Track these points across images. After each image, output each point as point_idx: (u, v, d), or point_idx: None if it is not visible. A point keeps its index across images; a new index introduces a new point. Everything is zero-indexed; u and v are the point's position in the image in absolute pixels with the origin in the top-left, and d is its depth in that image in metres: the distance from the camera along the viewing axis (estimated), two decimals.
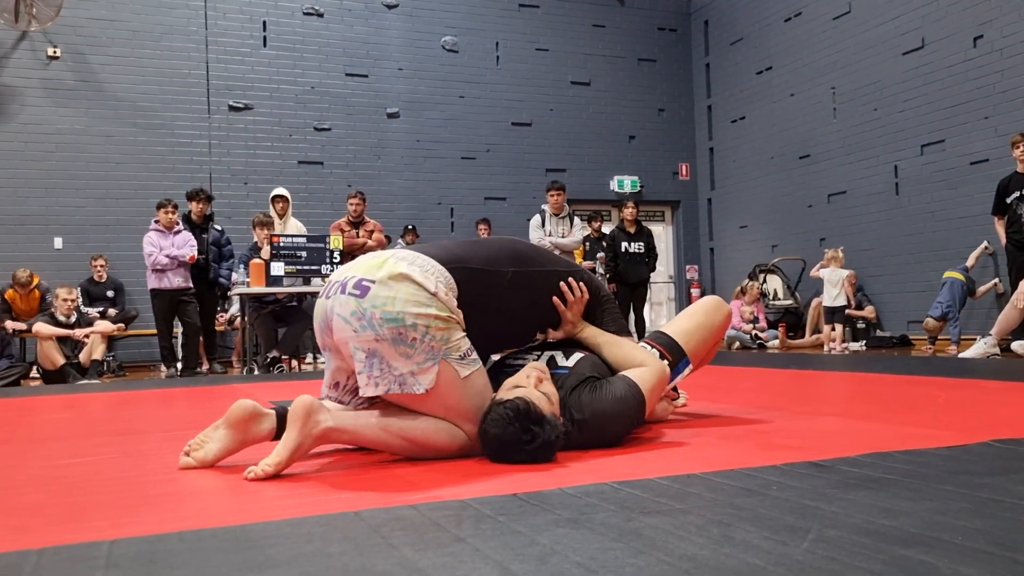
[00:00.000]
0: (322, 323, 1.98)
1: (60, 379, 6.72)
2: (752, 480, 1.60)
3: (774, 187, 10.31)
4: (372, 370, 1.84)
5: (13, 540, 1.34)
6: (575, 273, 2.24)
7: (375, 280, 1.86)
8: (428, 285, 1.86)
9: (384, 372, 1.83)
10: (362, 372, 1.85)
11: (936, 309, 7.13)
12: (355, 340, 1.85)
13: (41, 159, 8.65)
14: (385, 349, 1.82)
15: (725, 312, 2.53)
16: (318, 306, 2.01)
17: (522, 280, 2.10)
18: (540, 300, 2.16)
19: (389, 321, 1.81)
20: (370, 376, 1.84)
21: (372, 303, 1.83)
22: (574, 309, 2.20)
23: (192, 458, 1.95)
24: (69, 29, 8.83)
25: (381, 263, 1.91)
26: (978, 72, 7.71)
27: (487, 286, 2.02)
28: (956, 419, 2.54)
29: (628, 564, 1.08)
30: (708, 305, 2.54)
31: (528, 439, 1.81)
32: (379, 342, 1.82)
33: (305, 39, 9.76)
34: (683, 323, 2.49)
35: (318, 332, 2.03)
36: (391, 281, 1.85)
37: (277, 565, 1.13)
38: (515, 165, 10.48)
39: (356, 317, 1.84)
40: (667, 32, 11.55)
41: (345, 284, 1.90)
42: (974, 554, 1.08)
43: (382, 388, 1.84)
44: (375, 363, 1.83)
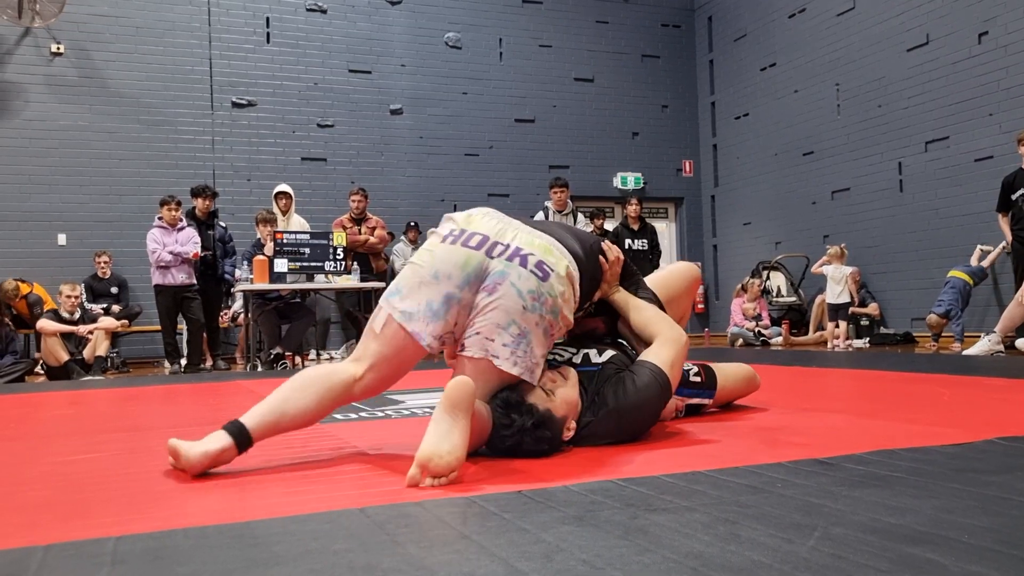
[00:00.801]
0: (470, 275, 1.91)
1: (64, 375, 6.73)
2: (757, 478, 1.60)
3: (778, 184, 10.29)
4: (518, 348, 1.89)
5: (20, 536, 1.34)
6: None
7: (554, 270, 1.95)
8: (576, 290, 2.03)
9: (527, 355, 1.90)
10: (507, 346, 1.88)
11: (939, 306, 7.11)
12: (519, 315, 1.89)
13: (44, 155, 8.66)
14: (537, 335, 1.91)
15: (755, 386, 2.79)
16: (464, 257, 1.93)
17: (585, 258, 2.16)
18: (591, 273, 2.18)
19: (551, 313, 1.94)
20: (514, 353, 1.89)
21: (550, 291, 1.93)
22: (613, 270, 2.27)
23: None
24: (72, 26, 8.83)
25: (549, 248, 1.99)
26: (983, 69, 7.69)
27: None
28: (961, 416, 2.53)
29: (634, 562, 1.08)
30: (747, 374, 2.76)
31: (506, 423, 1.90)
32: (537, 327, 1.91)
33: (308, 35, 9.75)
34: (726, 371, 2.68)
35: (447, 279, 1.92)
36: (565, 278, 1.97)
37: (282, 562, 1.13)
38: (518, 162, 10.47)
39: (533, 296, 1.90)
40: (671, 28, 11.53)
41: (525, 258, 1.94)
42: (981, 552, 1.08)
43: (518, 369, 1.90)
44: (523, 343, 1.89)
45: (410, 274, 2.00)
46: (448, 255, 1.95)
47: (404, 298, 1.97)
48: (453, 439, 1.67)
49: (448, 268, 1.93)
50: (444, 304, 1.92)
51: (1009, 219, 6.62)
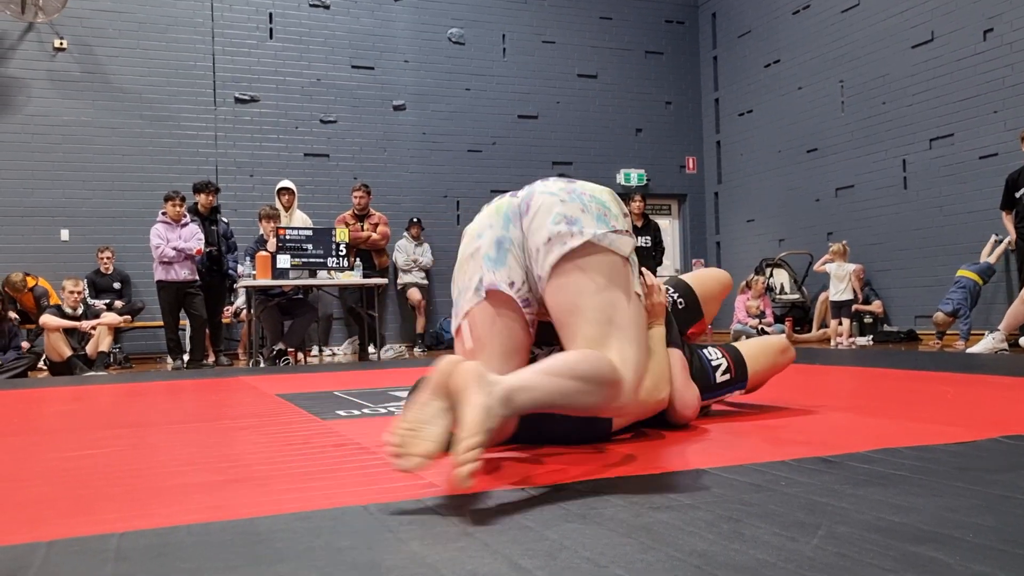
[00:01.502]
0: (507, 213, 1.91)
1: (67, 371, 6.74)
2: (761, 476, 1.60)
3: (781, 181, 10.27)
4: (573, 226, 1.80)
5: (23, 532, 1.34)
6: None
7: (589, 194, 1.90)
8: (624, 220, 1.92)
9: (587, 228, 1.80)
10: (562, 232, 1.79)
11: (947, 304, 7.08)
12: (560, 207, 1.83)
13: (48, 151, 8.67)
14: (588, 220, 1.82)
15: (789, 357, 2.63)
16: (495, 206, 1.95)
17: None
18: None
19: (596, 201, 1.87)
20: (571, 233, 1.79)
21: (582, 187, 1.91)
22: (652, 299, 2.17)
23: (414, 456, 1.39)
24: (75, 21, 8.83)
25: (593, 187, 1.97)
26: (988, 66, 7.66)
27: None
28: (965, 415, 2.53)
29: (638, 560, 1.08)
30: (779, 346, 2.62)
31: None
32: (584, 212, 1.83)
33: (311, 31, 9.74)
34: (756, 351, 2.55)
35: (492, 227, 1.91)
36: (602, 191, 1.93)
37: (286, 559, 1.13)
38: (521, 158, 10.46)
39: (566, 191, 1.87)
40: (675, 24, 11.50)
41: (546, 179, 1.96)
42: (985, 551, 1.07)
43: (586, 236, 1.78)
44: (576, 226, 1.80)
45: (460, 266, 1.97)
46: (482, 215, 1.99)
47: (468, 287, 1.91)
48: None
49: (487, 221, 1.95)
50: (497, 248, 1.89)
51: (1013, 217, 6.60)
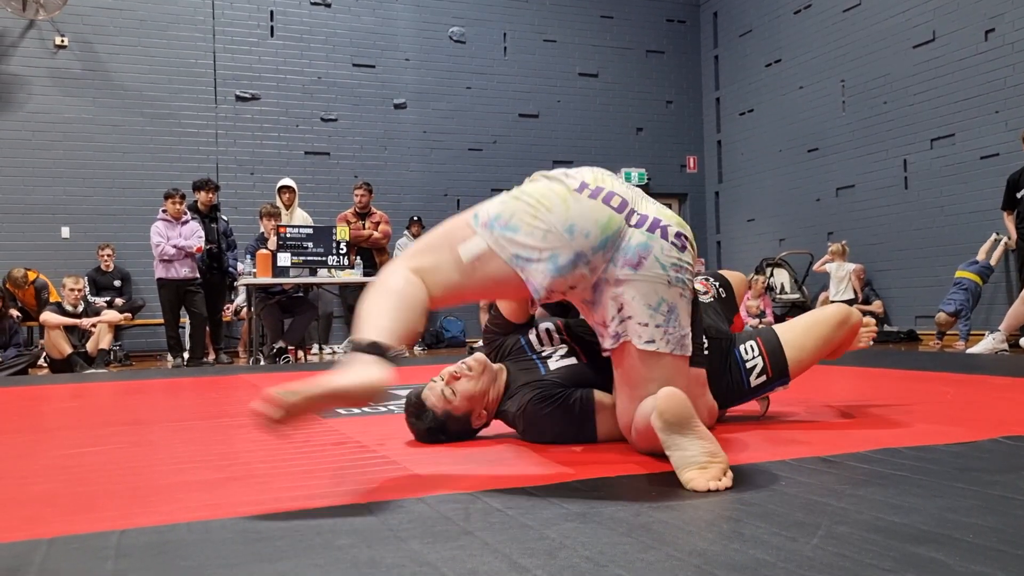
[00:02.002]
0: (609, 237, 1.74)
1: (67, 368, 6.74)
2: (761, 475, 1.60)
3: (782, 180, 10.27)
4: (669, 325, 1.74)
5: (24, 530, 1.34)
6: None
7: (688, 239, 1.83)
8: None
9: (676, 329, 1.76)
10: (660, 327, 1.73)
11: (949, 305, 7.07)
12: (665, 291, 1.74)
13: (48, 148, 8.67)
14: (683, 307, 1.78)
15: (851, 326, 2.39)
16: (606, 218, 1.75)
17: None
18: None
19: (690, 282, 1.83)
20: (665, 332, 1.74)
21: (689, 261, 1.80)
22: None
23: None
24: (76, 18, 8.83)
25: (681, 221, 1.87)
26: (989, 66, 7.66)
27: None
28: (965, 415, 2.53)
29: (638, 559, 1.08)
30: (835, 319, 2.39)
31: (410, 425, 2.17)
32: (682, 298, 1.78)
33: (312, 29, 9.74)
34: (802, 339, 2.34)
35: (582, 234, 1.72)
36: (692, 249, 1.85)
37: (286, 557, 1.13)
38: (522, 157, 10.45)
39: (676, 268, 1.76)
40: (676, 24, 11.49)
41: (665, 229, 1.78)
42: (985, 552, 1.07)
43: (670, 347, 1.75)
44: (673, 319, 1.75)
45: (529, 214, 1.75)
46: (589, 211, 1.74)
47: (519, 238, 1.73)
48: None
49: (587, 225, 1.72)
50: (571, 262, 1.72)
51: (1014, 217, 6.60)
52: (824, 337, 2.35)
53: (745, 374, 2.26)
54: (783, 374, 2.28)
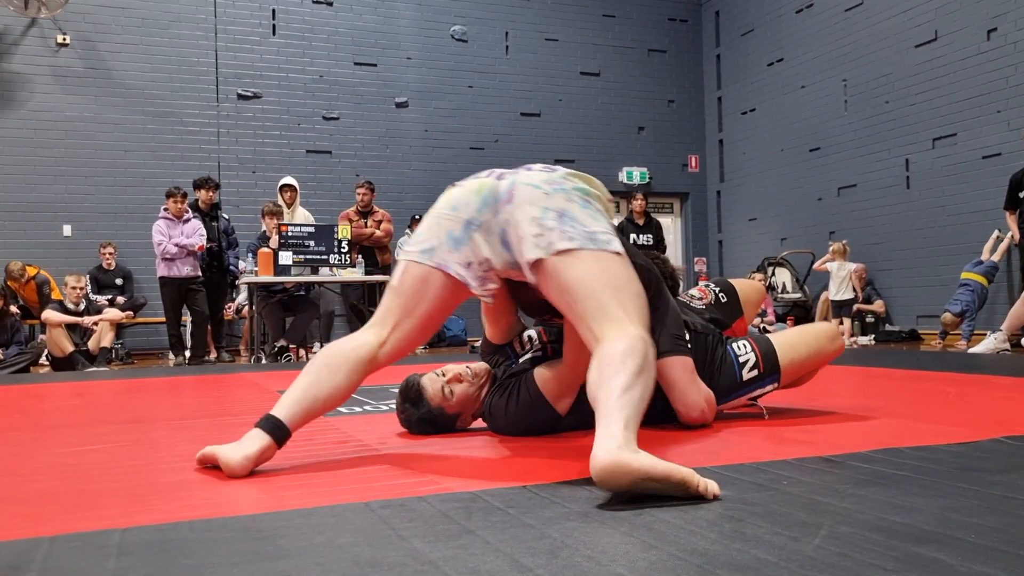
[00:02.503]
0: (486, 197, 1.87)
1: (69, 366, 6.75)
2: (763, 475, 1.60)
3: (784, 180, 10.26)
4: (564, 226, 1.77)
5: (25, 527, 1.34)
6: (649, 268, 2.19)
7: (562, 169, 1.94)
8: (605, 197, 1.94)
9: (575, 227, 1.78)
10: (553, 229, 1.77)
11: (955, 305, 7.07)
12: (544, 200, 1.81)
13: (50, 146, 8.67)
14: (576, 210, 1.81)
15: (838, 346, 2.47)
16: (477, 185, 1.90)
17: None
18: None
19: (578, 190, 1.87)
20: (562, 231, 1.76)
21: (564, 176, 1.89)
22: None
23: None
24: (78, 16, 8.83)
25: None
26: (991, 66, 7.65)
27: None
28: (967, 415, 2.52)
29: (640, 558, 1.08)
30: (826, 334, 2.48)
31: (401, 409, 2.24)
32: (570, 203, 1.82)
33: (314, 28, 9.74)
34: (794, 340, 2.43)
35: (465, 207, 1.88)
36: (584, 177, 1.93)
37: (288, 556, 1.13)
38: (524, 156, 10.44)
39: (549, 183, 1.85)
40: (678, 23, 11.49)
41: (530, 167, 1.94)
42: (987, 552, 1.07)
43: (576, 242, 1.75)
44: (567, 220, 1.79)
45: (427, 223, 1.94)
46: (466, 187, 1.92)
47: (422, 242, 1.90)
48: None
49: (466, 197, 1.89)
50: (465, 230, 1.86)
51: (1017, 217, 6.59)
52: (815, 347, 2.42)
53: (738, 368, 2.33)
54: (774, 371, 2.34)
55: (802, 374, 2.45)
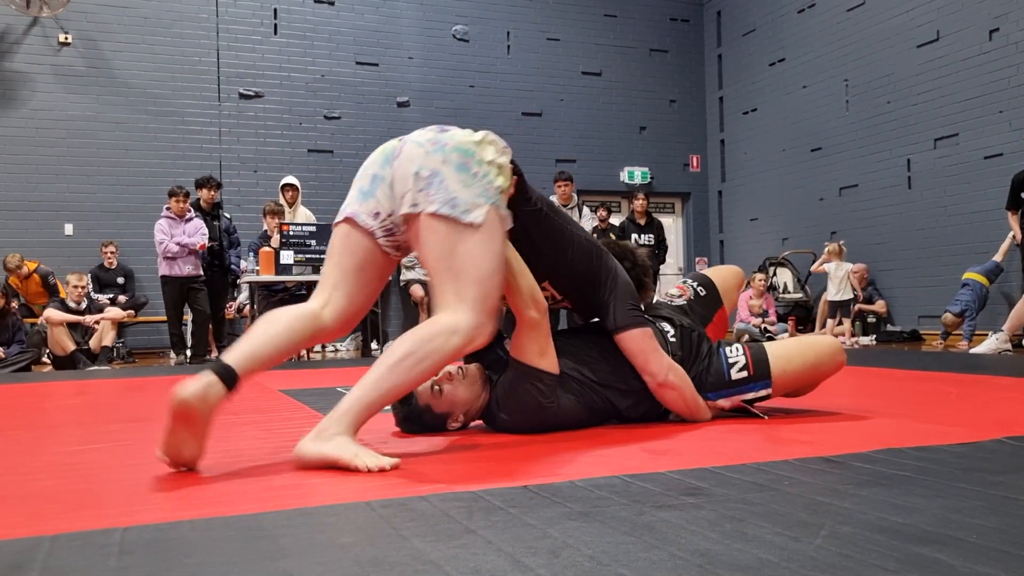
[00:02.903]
0: (388, 154, 2.00)
1: (70, 365, 6.75)
2: (764, 475, 1.60)
3: (785, 180, 10.26)
4: (430, 188, 1.86)
5: (27, 526, 1.34)
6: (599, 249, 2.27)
7: (455, 128, 2.01)
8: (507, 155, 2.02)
9: (440, 190, 1.86)
10: (421, 190, 1.86)
11: (956, 305, 7.08)
12: (422, 159, 1.90)
13: (52, 145, 8.68)
14: (448, 172, 1.88)
15: (839, 361, 2.44)
16: (383, 146, 2.06)
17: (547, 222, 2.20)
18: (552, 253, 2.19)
19: (459, 150, 1.92)
20: (427, 193, 1.86)
21: (451, 137, 1.96)
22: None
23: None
24: (80, 15, 8.84)
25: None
26: (993, 66, 7.64)
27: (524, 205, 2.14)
28: (968, 416, 2.52)
29: (641, 558, 1.08)
30: (826, 348, 2.45)
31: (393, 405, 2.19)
32: (444, 164, 1.89)
33: (316, 27, 9.74)
34: (791, 352, 2.43)
35: (373, 164, 2.04)
36: (481, 139, 1.98)
37: (289, 555, 1.13)
38: (525, 155, 10.38)
39: (431, 143, 1.93)
40: (679, 23, 11.48)
41: (434, 127, 2.02)
42: (989, 553, 1.07)
43: (435, 205, 1.84)
44: (435, 182, 1.87)
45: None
46: (376, 151, 2.09)
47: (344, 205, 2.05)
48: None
49: (375, 156, 2.06)
50: (371, 183, 2.00)
51: (1019, 217, 6.59)
52: (813, 361, 2.41)
53: (727, 367, 2.35)
54: (764, 376, 2.34)
55: (797, 387, 2.46)
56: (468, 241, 1.83)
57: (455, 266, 1.83)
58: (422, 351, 1.78)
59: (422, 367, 1.79)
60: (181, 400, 1.69)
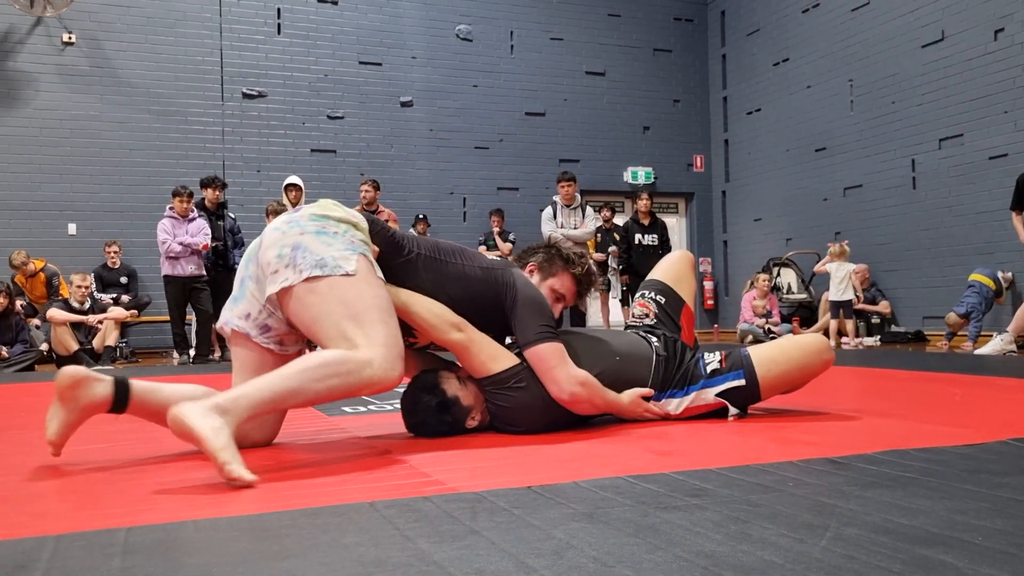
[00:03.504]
0: (249, 255, 2.07)
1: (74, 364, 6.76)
2: (768, 476, 1.59)
3: (789, 180, 10.24)
4: (296, 259, 1.90)
5: (31, 526, 1.35)
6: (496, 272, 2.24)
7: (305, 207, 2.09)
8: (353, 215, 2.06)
9: (306, 257, 1.90)
10: (287, 265, 1.91)
11: (960, 306, 7.06)
12: (281, 239, 1.95)
13: (55, 145, 8.69)
14: (309, 240, 1.93)
15: (826, 359, 2.43)
16: (247, 249, 2.13)
17: (431, 265, 2.19)
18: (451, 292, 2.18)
19: (313, 219, 1.98)
20: (293, 265, 1.89)
21: (303, 213, 2.03)
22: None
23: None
24: (84, 15, 8.85)
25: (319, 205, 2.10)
26: (998, 66, 7.63)
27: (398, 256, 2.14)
28: (974, 417, 2.52)
29: (645, 560, 1.07)
30: (813, 347, 2.45)
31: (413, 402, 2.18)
32: (303, 235, 1.94)
33: (319, 27, 9.74)
34: (776, 354, 2.44)
35: (240, 269, 2.10)
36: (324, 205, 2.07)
37: (292, 555, 1.13)
38: (528, 155, 10.45)
39: (286, 223, 2.00)
40: (683, 22, 11.47)
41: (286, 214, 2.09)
42: (995, 555, 1.07)
43: (306, 272, 1.88)
44: (299, 253, 1.91)
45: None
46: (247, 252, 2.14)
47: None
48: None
49: (243, 259, 2.13)
50: (240, 287, 2.07)
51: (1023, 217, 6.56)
52: (799, 361, 2.42)
53: (703, 366, 2.43)
54: (737, 367, 2.38)
55: (787, 387, 2.47)
56: (353, 289, 1.87)
57: (352, 313, 1.85)
58: (337, 370, 1.78)
59: (329, 384, 1.78)
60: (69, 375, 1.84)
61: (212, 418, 1.64)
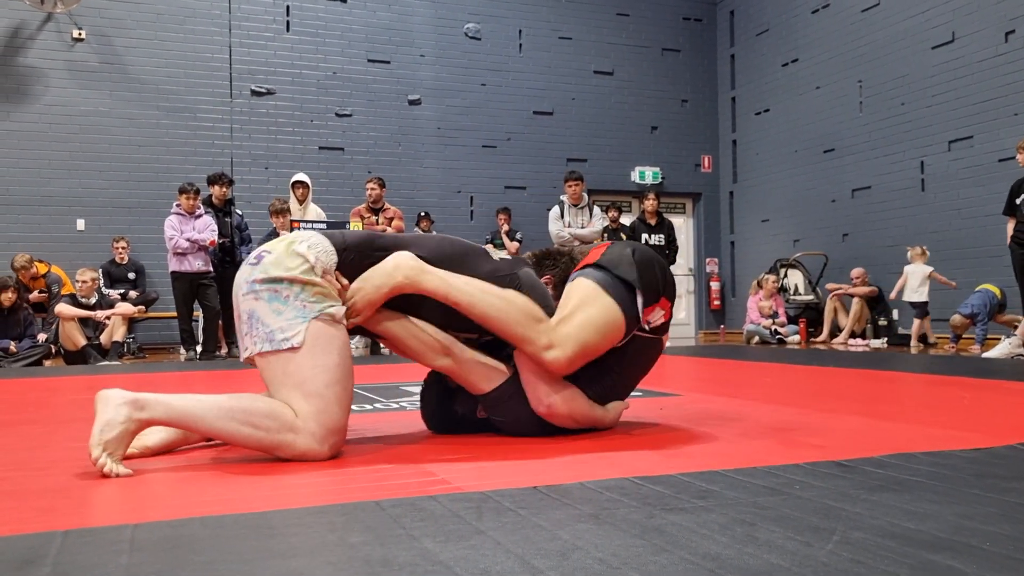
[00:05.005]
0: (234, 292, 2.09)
1: (81, 360, 6.79)
2: (775, 479, 1.59)
3: (797, 181, 10.22)
4: (252, 330, 1.94)
5: (38, 521, 1.35)
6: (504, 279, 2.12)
7: (271, 251, 2.00)
8: (309, 257, 1.97)
9: (258, 329, 1.92)
10: (246, 333, 1.95)
11: (965, 308, 7.05)
12: (242, 302, 1.98)
13: (65, 141, 8.72)
14: (261, 308, 1.94)
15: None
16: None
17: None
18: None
19: (267, 282, 1.95)
20: (251, 336, 1.94)
21: (263, 271, 1.97)
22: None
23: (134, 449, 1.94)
24: (94, 11, 8.88)
25: (288, 239, 2.04)
26: (1009, 68, 7.59)
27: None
28: (981, 420, 2.51)
29: (651, 561, 1.07)
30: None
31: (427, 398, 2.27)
32: (257, 300, 1.94)
33: (328, 24, 9.76)
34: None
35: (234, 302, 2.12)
36: (285, 251, 1.98)
37: (299, 554, 1.13)
38: (536, 154, 10.45)
39: (246, 282, 1.99)
40: (692, 22, 11.45)
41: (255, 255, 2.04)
42: (1002, 560, 1.06)
43: (258, 345, 1.92)
44: (253, 322, 1.94)
45: None
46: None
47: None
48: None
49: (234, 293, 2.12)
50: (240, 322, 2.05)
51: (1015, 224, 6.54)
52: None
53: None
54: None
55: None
56: (293, 362, 1.89)
57: (290, 383, 1.89)
58: (259, 422, 1.83)
59: (247, 432, 1.83)
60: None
61: (120, 410, 1.75)
